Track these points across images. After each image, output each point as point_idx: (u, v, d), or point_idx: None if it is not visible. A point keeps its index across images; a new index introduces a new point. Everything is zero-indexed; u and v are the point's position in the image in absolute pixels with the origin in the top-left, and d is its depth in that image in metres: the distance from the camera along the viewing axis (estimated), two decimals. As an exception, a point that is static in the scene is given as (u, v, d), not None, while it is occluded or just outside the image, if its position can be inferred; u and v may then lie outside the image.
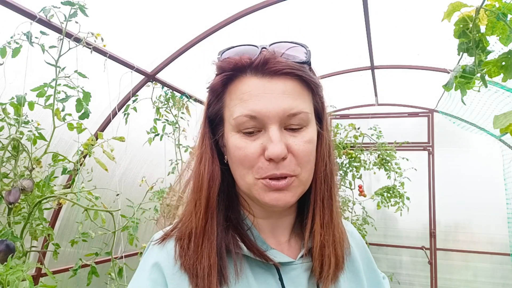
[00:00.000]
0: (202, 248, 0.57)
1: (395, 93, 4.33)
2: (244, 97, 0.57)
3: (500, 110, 2.84)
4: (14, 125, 1.61)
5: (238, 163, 0.58)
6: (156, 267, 0.59)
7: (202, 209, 0.59)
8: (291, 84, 0.57)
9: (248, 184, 0.59)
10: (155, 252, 0.62)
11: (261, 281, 0.60)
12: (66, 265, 2.50)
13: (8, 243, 1.47)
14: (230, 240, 0.60)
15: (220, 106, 0.61)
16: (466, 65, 1.15)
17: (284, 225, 0.67)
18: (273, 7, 2.33)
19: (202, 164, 0.62)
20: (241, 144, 0.57)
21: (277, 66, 0.56)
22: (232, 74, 0.59)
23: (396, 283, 4.35)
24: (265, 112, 0.55)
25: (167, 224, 0.68)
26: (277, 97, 0.56)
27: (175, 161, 2.47)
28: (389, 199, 3.68)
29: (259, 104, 0.55)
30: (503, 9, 0.98)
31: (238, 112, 0.57)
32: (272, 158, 0.55)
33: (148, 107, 2.45)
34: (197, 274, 0.56)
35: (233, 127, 0.58)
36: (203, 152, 0.63)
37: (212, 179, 0.61)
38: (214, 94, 0.62)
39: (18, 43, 1.56)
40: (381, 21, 2.64)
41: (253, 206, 0.65)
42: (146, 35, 2.30)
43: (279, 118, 0.56)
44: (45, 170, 1.77)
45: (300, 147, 0.57)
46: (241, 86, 0.58)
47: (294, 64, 0.57)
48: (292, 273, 0.62)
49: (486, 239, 4.05)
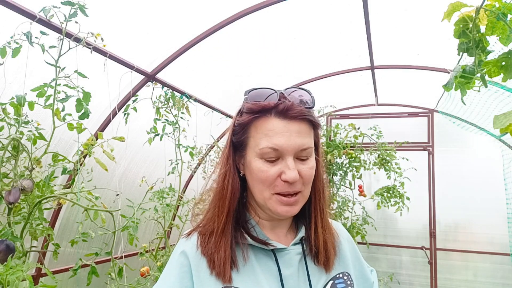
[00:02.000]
0: (220, 244, 0.77)
1: (395, 93, 4.33)
2: (269, 133, 0.75)
3: (500, 110, 2.84)
4: (14, 125, 1.61)
5: (260, 181, 0.77)
6: (183, 253, 0.79)
7: (224, 215, 0.79)
8: (304, 126, 0.77)
9: (265, 198, 0.78)
10: (182, 243, 0.82)
11: (262, 263, 0.79)
12: (66, 265, 2.50)
13: (8, 243, 1.47)
14: (239, 235, 0.79)
15: (246, 136, 0.80)
16: (466, 65, 1.15)
17: (282, 225, 0.86)
18: (273, 7, 2.33)
19: (226, 179, 0.80)
20: (264, 168, 0.76)
21: (296, 113, 0.75)
22: (259, 115, 0.77)
23: (396, 283, 4.35)
24: (285, 146, 0.74)
25: (194, 224, 0.89)
26: (294, 135, 0.75)
27: (175, 161, 2.47)
28: (389, 199, 3.68)
29: (281, 140, 0.74)
30: (503, 9, 0.98)
31: (263, 144, 0.75)
32: (288, 181, 0.74)
33: (148, 107, 2.45)
34: (214, 261, 0.75)
35: (257, 154, 0.76)
36: (227, 170, 0.81)
37: (234, 192, 0.80)
38: (241, 127, 0.80)
39: (18, 43, 1.56)
40: (381, 21, 2.64)
41: (260, 211, 0.84)
42: (146, 35, 2.30)
43: (294, 151, 0.75)
44: (45, 170, 1.77)
45: (307, 172, 0.77)
46: (267, 124, 0.76)
47: (306, 111, 0.77)
48: (286, 256, 0.80)
49: (486, 239, 4.05)
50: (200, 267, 0.77)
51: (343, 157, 3.78)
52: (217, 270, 0.74)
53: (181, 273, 0.77)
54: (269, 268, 0.78)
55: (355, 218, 3.86)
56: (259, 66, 3.20)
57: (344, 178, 3.87)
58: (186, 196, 2.99)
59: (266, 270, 0.78)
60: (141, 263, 2.50)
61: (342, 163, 3.87)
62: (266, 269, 0.78)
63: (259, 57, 3.06)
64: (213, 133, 3.10)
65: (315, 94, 0.83)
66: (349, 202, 3.86)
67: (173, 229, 3.12)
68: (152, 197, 2.29)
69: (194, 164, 3.21)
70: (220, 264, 0.74)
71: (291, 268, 0.79)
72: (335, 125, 3.94)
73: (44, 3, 1.64)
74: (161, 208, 2.31)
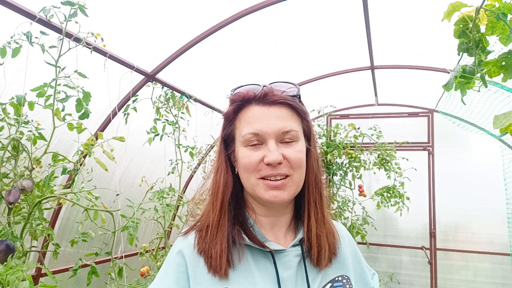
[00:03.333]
0: (216, 237, 0.76)
1: (395, 93, 4.33)
2: (250, 120, 0.77)
3: (500, 110, 2.84)
4: (14, 125, 1.61)
5: (244, 168, 0.77)
6: (179, 253, 0.79)
7: (217, 208, 0.79)
8: (284, 110, 0.78)
9: (252, 185, 0.77)
10: (179, 242, 0.82)
11: (260, 264, 0.78)
12: (66, 265, 2.50)
13: (8, 243, 1.47)
14: (236, 233, 0.78)
15: (232, 129, 0.81)
16: (466, 65, 1.14)
17: (281, 223, 0.84)
18: (273, 7, 2.33)
19: (219, 174, 0.82)
20: (247, 153, 0.76)
21: (273, 98, 0.77)
22: (240, 104, 0.80)
23: (396, 283, 4.35)
24: (265, 130, 0.75)
25: (191, 223, 0.88)
26: (274, 119, 0.76)
27: (175, 161, 2.47)
28: (389, 199, 3.68)
29: (260, 124, 0.75)
30: (503, 9, 0.99)
31: (245, 131, 0.77)
32: (270, 163, 0.74)
33: (148, 107, 2.45)
34: (211, 256, 0.75)
35: (241, 142, 0.78)
36: (219, 165, 0.83)
37: (226, 185, 0.80)
38: (227, 120, 0.83)
39: (18, 43, 1.56)
40: (381, 21, 2.64)
41: (256, 206, 0.83)
42: (146, 35, 2.30)
43: (275, 135, 0.75)
44: (45, 170, 1.77)
45: (292, 155, 0.76)
46: (247, 112, 0.78)
47: (286, 96, 0.78)
48: (284, 258, 0.79)
49: (486, 239, 4.05)
50: (196, 267, 0.76)
51: (343, 157, 3.78)
52: (214, 264, 0.74)
53: (177, 273, 0.76)
54: (266, 270, 0.77)
55: (355, 218, 3.86)
56: (259, 66, 3.20)
57: (344, 178, 3.87)
58: (186, 196, 3.00)
59: (263, 272, 0.77)
60: (141, 263, 2.50)
61: (342, 163, 3.87)
62: (264, 271, 0.77)
63: (259, 57, 3.06)
64: (213, 133, 3.10)
65: (315, 94, 0.84)
66: (349, 202, 3.86)
67: (173, 229, 3.12)
68: (152, 197, 2.29)
69: (194, 164, 3.21)
70: (217, 257, 0.74)
71: (289, 271, 0.77)
72: (335, 125, 3.94)
73: (44, 3, 1.64)
74: (161, 208, 2.31)
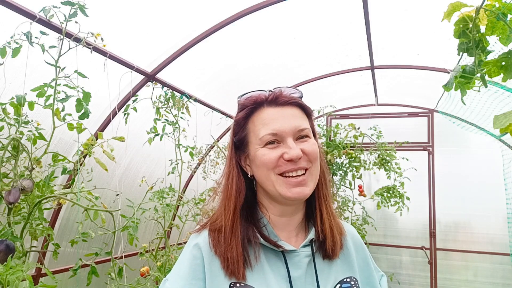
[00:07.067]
0: (231, 241, 0.78)
1: (395, 93, 4.33)
2: (265, 122, 0.80)
3: (500, 110, 2.84)
4: (14, 125, 1.61)
5: (263, 165, 0.79)
6: (196, 246, 0.80)
7: (230, 212, 0.81)
8: (296, 110, 0.82)
9: (272, 181, 0.78)
10: (195, 237, 0.84)
11: (272, 263, 0.80)
12: (66, 265, 2.50)
13: (8, 243, 1.47)
14: (251, 233, 0.80)
15: (246, 133, 0.83)
16: (466, 65, 1.15)
17: (293, 222, 0.86)
18: (273, 7, 2.32)
19: (230, 179, 0.84)
20: (266, 152, 0.78)
21: (285, 99, 0.81)
22: (253, 108, 0.83)
23: (396, 283, 4.35)
24: (283, 129, 0.78)
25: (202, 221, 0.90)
26: (289, 118, 0.79)
27: (175, 161, 2.47)
28: (389, 199, 3.68)
29: (277, 124, 0.78)
30: (503, 9, 0.99)
31: (263, 132, 0.79)
32: (292, 159, 0.76)
33: (148, 107, 2.45)
34: (228, 259, 0.76)
35: (259, 144, 0.80)
36: (230, 170, 0.85)
37: (238, 190, 0.83)
38: (239, 126, 0.85)
39: (18, 43, 1.56)
40: (381, 21, 2.64)
41: (272, 206, 0.84)
42: (146, 35, 2.30)
43: (292, 133, 0.79)
44: (45, 170, 1.77)
45: (310, 148, 0.79)
46: (261, 114, 0.81)
47: (295, 97, 0.83)
48: (295, 258, 0.81)
49: (486, 239, 4.05)
50: (212, 262, 0.78)
51: (343, 157, 3.78)
52: (231, 267, 0.75)
53: (193, 265, 0.78)
54: (278, 268, 0.79)
55: (355, 218, 3.86)
56: (259, 66, 3.20)
57: (344, 178, 3.87)
58: (186, 196, 3.00)
59: (275, 271, 0.79)
60: (141, 263, 2.50)
61: (342, 163, 3.87)
62: (276, 269, 0.79)
63: (259, 57, 3.06)
64: (213, 133, 3.10)
65: (315, 94, 0.85)
66: (349, 202, 3.87)
67: (173, 229, 3.12)
68: (152, 197, 2.29)
69: (194, 164, 3.21)
70: (234, 261, 0.76)
71: (299, 271, 0.80)
72: (335, 125, 3.94)
73: (44, 3, 1.64)
74: (161, 208, 2.31)
